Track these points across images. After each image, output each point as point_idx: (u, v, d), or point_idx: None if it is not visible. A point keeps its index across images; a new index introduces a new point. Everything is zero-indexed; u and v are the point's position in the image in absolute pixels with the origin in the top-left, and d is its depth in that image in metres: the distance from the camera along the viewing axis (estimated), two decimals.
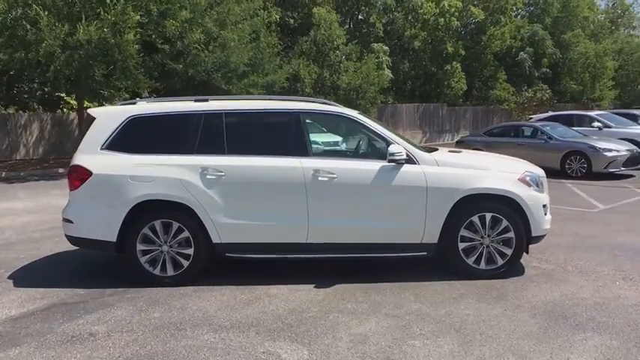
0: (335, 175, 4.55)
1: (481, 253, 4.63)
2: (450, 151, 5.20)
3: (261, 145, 4.78)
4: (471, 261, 4.63)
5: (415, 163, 4.60)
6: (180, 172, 4.57)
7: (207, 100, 4.96)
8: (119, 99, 15.39)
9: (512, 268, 4.71)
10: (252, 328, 3.69)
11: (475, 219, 4.59)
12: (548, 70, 31.23)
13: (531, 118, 16.14)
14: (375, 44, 24.60)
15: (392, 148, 4.53)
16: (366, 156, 4.97)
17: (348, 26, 25.40)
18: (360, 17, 27.75)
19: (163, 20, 15.06)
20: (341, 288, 4.47)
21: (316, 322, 3.78)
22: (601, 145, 11.27)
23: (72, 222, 4.70)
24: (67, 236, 4.86)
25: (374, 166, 4.61)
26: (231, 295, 4.38)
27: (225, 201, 4.53)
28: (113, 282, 4.69)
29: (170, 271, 4.63)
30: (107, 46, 13.05)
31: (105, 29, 12.72)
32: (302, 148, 4.68)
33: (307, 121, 4.95)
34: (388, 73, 24.02)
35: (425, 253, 4.66)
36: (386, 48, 24.75)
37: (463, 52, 27.49)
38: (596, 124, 13.56)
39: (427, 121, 27.31)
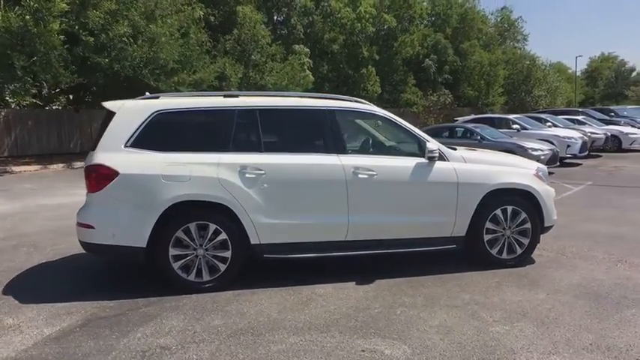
0: (375, 173, 4.62)
1: (503, 244, 4.98)
2: (466, 149, 5.51)
3: (298, 143, 4.70)
4: (494, 251, 4.96)
5: (446, 160, 4.82)
6: (218, 171, 4.34)
7: (237, 96, 4.77)
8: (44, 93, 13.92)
9: (526, 257, 5.12)
10: (331, 328, 3.64)
11: (498, 212, 4.92)
12: (449, 76, 33.76)
13: (457, 120, 17.39)
14: (297, 46, 24.81)
15: (430, 146, 4.70)
16: (399, 153, 5.08)
17: (270, 27, 25.28)
18: (279, 18, 27.79)
19: (85, 10, 13.91)
20: (383, 283, 4.55)
21: (389, 317, 3.82)
22: (528, 144, 12.51)
23: (93, 227, 4.25)
24: (83, 243, 4.39)
25: (410, 162, 4.76)
26: (280, 297, 4.26)
27: (266, 200, 4.39)
28: (136, 291, 4.33)
29: (206, 276, 4.37)
30: (27, 36, 11.74)
31: (27, 17, 11.43)
32: (339, 146, 4.69)
33: (348, 119, 4.98)
34: (310, 75, 24.35)
35: (454, 246, 4.90)
36: (307, 50, 25.07)
37: (377, 57, 28.78)
38: (515, 125, 14.98)
39: None
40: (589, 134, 16.18)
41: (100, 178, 4.23)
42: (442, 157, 4.82)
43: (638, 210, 7.91)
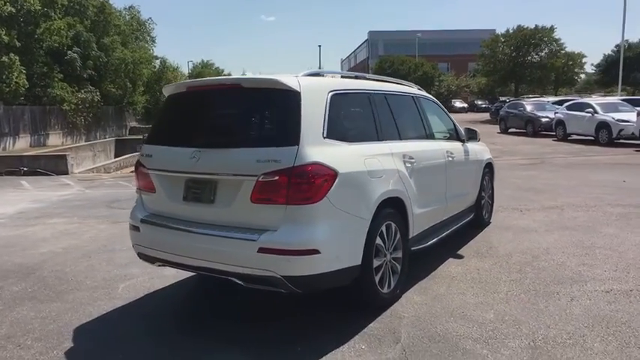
0: (455, 155, 5.23)
1: (485, 202, 6.44)
2: None
3: (413, 130, 4.78)
4: (484, 212, 6.37)
5: (465, 142, 5.85)
6: (394, 162, 4.06)
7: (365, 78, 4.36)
8: None
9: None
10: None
11: (486, 180, 6.34)
12: (94, 72, 31.22)
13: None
14: None
15: (462, 129, 5.64)
16: (446, 137, 5.61)
17: None
18: None
19: None
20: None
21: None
22: None
23: (318, 252, 3.21)
24: (300, 278, 3.19)
25: (458, 145, 5.58)
26: (446, 289, 4.42)
27: (417, 190, 4.36)
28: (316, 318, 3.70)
29: (391, 284, 3.98)
30: None
31: None
32: (431, 131, 5.04)
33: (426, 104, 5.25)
34: None
35: (472, 214, 6.00)
36: None
37: (18, 44, 23.83)
38: None
39: None
40: None
41: (320, 182, 3.23)
42: (463, 140, 5.82)
43: None
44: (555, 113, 21.08)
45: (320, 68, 64.58)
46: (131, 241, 4.04)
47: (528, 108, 23.60)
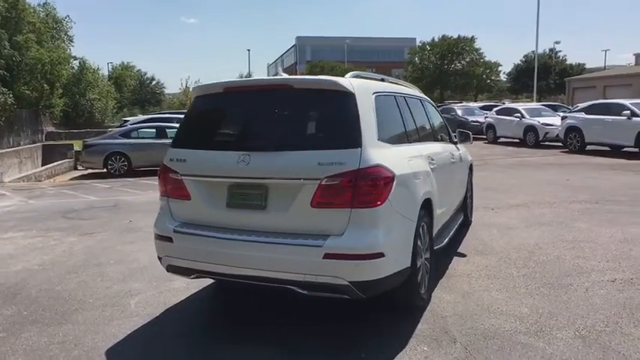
0: (454, 157, 5.42)
1: (469, 205, 6.71)
2: None
3: (425, 131, 4.89)
4: (468, 211, 6.63)
5: (457, 144, 6.07)
6: (425, 163, 4.15)
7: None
8: None
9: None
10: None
11: (469, 181, 6.61)
12: (6, 72, 28.62)
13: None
14: None
15: (456, 132, 5.86)
16: (445, 139, 5.71)
17: None
18: None
19: None
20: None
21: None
22: None
23: (383, 255, 3.17)
24: (366, 283, 3.14)
25: (454, 147, 5.78)
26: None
27: (438, 190, 4.46)
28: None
29: (426, 285, 4.04)
30: None
31: None
32: (436, 134, 5.18)
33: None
34: None
35: (462, 214, 6.23)
36: None
37: None
38: None
39: None
40: None
41: (384, 184, 3.21)
42: (456, 142, 6.03)
43: None
44: (485, 117, 22.44)
45: (250, 73, 64.02)
46: (159, 253, 3.74)
47: (459, 112, 24.92)
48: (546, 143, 18.97)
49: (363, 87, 3.54)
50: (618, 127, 14.67)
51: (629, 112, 14.44)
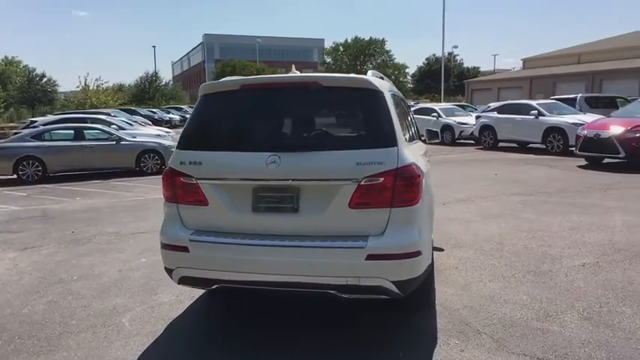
0: (429, 155, 5.58)
1: None
2: None
3: (411, 130, 4.95)
4: None
5: (425, 142, 6.26)
6: (426, 161, 4.30)
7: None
8: None
9: None
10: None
11: None
12: None
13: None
14: None
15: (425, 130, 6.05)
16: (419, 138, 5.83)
17: None
18: None
19: None
20: None
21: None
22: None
23: (421, 253, 3.20)
24: (406, 282, 3.12)
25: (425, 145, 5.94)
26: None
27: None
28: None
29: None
30: None
31: None
32: (416, 132, 5.31)
33: None
34: None
35: None
36: None
37: None
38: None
39: None
40: None
41: (418, 182, 3.24)
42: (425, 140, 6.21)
43: None
44: None
45: (155, 70, 61.04)
46: (169, 265, 3.43)
47: None
48: (461, 141, 20.29)
49: (384, 85, 3.53)
50: (527, 125, 16.06)
51: (536, 111, 15.87)
